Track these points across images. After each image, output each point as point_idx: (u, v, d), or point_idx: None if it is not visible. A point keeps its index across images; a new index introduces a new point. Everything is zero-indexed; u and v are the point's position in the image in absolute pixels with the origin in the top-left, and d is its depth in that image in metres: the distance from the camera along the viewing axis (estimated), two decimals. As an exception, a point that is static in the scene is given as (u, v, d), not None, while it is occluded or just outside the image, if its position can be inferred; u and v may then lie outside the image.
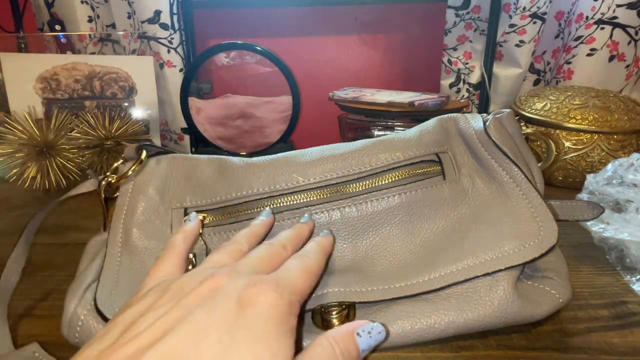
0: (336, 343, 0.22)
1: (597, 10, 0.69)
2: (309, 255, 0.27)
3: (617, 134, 0.52)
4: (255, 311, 0.21)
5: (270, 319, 0.21)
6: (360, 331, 0.23)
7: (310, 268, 0.26)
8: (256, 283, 0.22)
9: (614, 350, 0.28)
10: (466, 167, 0.32)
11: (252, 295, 0.21)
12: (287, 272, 0.24)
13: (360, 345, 0.23)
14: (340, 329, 0.23)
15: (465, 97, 0.82)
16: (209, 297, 0.22)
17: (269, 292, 0.22)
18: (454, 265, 0.28)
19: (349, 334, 0.23)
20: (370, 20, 0.87)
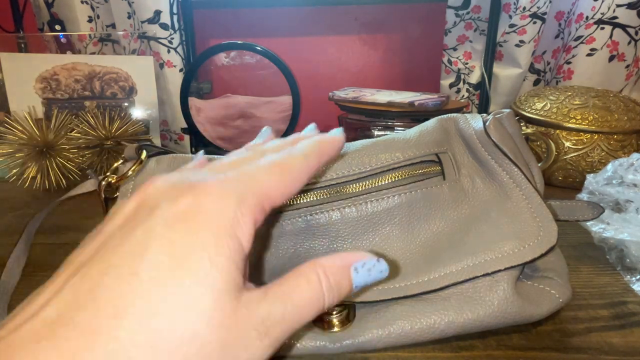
0: (326, 277, 0.18)
1: (597, 10, 0.69)
2: (292, 151, 0.21)
3: (617, 134, 0.52)
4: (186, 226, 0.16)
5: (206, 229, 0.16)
6: (359, 266, 0.19)
7: (287, 164, 0.20)
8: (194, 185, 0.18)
9: (614, 350, 0.28)
10: (466, 167, 0.32)
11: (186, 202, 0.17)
12: (249, 165, 0.19)
13: (355, 282, 0.19)
14: (335, 260, 0.19)
15: (465, 97, 0.82)
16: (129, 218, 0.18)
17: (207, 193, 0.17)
18: (454, 266, 0.28)
19: (345, 268, 0.19)
20: (370, 20, 0.87)
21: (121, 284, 0.15)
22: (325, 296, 0.18)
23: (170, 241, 0.16)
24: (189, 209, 0.17)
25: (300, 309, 0.18)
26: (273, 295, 0.17)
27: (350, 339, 0.28)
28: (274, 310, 0.17)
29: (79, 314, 0.14)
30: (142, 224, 0.17)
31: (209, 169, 0.20)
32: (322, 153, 0.22)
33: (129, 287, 0.15)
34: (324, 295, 0.18)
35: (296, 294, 0.18)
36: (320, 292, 0.18)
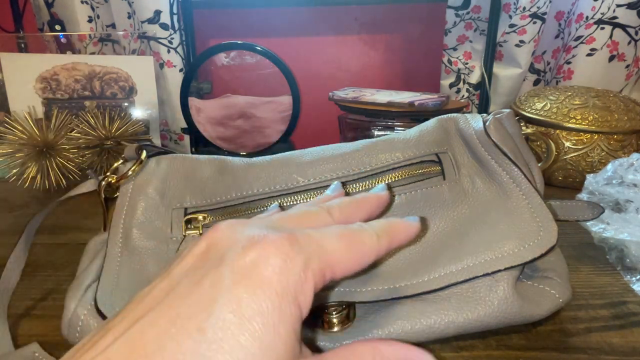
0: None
1: (597, 10, 0.69)
2: (364, 227, 0.20)
3: (617, 134, 0.52)
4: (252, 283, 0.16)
5: (272, 289, 0.16)
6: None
7: (358, 240, 0.19)
8: (261, 238, 0.17)
9: (614, 350, 0.28)
10: (466, 167, 0.32)
11: (253, 256, 0.16)
12: (318, 232, 0.19)
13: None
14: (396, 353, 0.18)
15: (465, 97, 0.82)
16: (197, 264, 0.17)
17: (274, 249, 0.17)
18: (454, 266, 0.28)
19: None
20: (370, 20, 0.87)
21: (186, 339, 0.15)
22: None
23: (238, 298, 0.15)
24: (256, 264, 0.16)
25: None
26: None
27: (350, 339, 0.28)
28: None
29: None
30: (209, 273, 0.16)
31: (277, 220, 0.20)
32: (394, 238, 0.21)
33: (195, 344, 0.15)
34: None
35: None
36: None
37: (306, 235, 0.18)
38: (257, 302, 0.15)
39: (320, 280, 0.18)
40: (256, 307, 0.15)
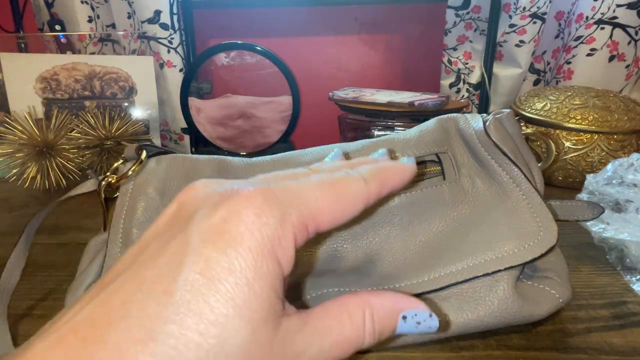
0: (371, 319, 0.17)
1: (597, 10, 0.69)
2: (350, 173, 0.18)
3: (617, 134, 0.52)
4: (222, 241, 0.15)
5: (244, 247, 0.15)
6: (409, 315, 0.17)
7: (342, 186, 0.17)
8: (233, 193, 0.16)
9: (614, 350, 0.28)
10: (466, 167, 0.32)
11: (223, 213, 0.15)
12: (297, 182, 0.17)
13: (399, 330, 0.18)
14: (385, 302, 0.17)
15: (465, 97, 0.82)
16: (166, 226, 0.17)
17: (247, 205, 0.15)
18: (454, 266, 0.28)
19: (394, 312, 0.17)
20: (370, 20, 0.87)
21: (152, 303, 0.14)
22: (365, 338, 0.17)
23: (206, 259, 0.15)
24: (225, 221, 0.15)
25: (337, 347, 0.16)
26: (312, 328, 0.16)
27: (350, 339, 0.28)
28: (310, 345, 0.16)
29: (110, 332, 0.14)
30: (178, 234, 0.16)
31: (257, 178, 0.18)
32: (385, 180, 0.19)
33: (161, 308, 0.14)
34: (364, 337, 0.17)
35: (336, 330, 0.16)
36: (361, 334, 0.17)
37: (282, 187, 0.17)
38: (228, 261, 0.14)
39: (302, 234, 0.16)
40: (227, 265, 0.14)
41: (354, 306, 0.17)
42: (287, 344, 0.15)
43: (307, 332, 0.16)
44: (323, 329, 0.16)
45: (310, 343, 0.16)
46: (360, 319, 0.17)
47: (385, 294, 0.18)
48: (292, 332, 0.15)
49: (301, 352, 0.15)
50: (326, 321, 0.16)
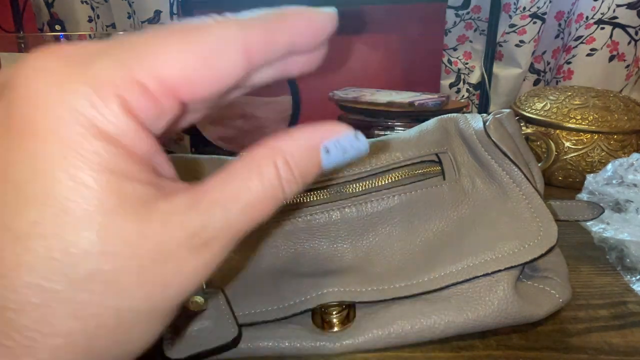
0: (287, 167, 0.14)
1: (597, 10, 0.69)
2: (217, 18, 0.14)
3: (617, 134, 0.52)
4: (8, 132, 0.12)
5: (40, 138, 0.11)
6: (332, 145, 0.15)
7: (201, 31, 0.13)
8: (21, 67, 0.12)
9: (614, 350, 0.28)
10: (466, 167, 0.32)
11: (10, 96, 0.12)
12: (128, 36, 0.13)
13: (325, 164, 0.15)
14: (299, 142, 0.14)
15: (465, 97, 0.82)
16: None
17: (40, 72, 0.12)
18: (454, 266, 0.28)
19: (313, 150, 0.15)
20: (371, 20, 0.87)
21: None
22: (284, 190, 0.14)
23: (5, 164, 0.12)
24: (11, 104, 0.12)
25: (249, 210, 0.14)
26: (210, 202, 0.13)
27: (350, 339, 0.28)
28: (211, 220, 0.13)
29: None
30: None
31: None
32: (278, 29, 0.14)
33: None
34: (283, 189, 0.14)
35: (244, 194, 0.14)
36: (277, 188, 0.14)
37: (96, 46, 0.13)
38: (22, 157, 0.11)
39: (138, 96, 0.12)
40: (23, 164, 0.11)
41: (262, 159, 0.14)
42: (173, 227, 0.13)
43: (203, 208, 0.13)
44: (226, 199, 0.14)
45: (210, 218, 0.13)
46: (273, 172, 0.14)
47: (296, 133, 0.15)
48: (177, 214, 0.13)
49: (198, 229, 0.13)
50: (229, 190, 0.14)
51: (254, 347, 0.28)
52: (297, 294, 0.28)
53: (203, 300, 0.27)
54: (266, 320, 0.28)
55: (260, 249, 0.31)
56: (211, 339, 0.26)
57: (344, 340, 0.28)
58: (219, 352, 0.26)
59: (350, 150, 0.15)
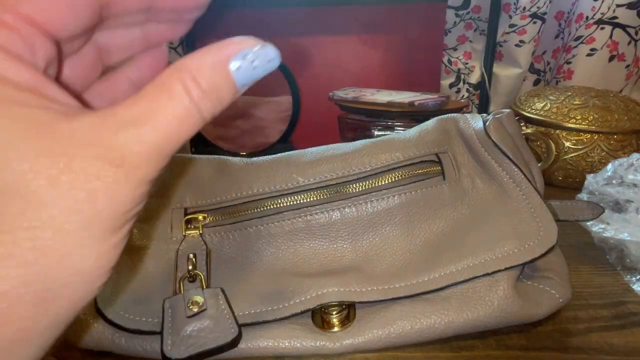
0: (195, 84, 0.14)
1: (597, 10, 0.69)
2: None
3: (617, 134, 0.52)
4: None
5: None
6: (239, 58, 0.14)
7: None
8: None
9: (614, 350, 0.28)
10: (466, 167, 0.32)
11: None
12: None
13: (238, 81, 0.15)
14: (204, 59, 0.14)
15: (465, 97, 0.82)
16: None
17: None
18: (454, 266, 0.28)
19: (220, 65, 0.14)
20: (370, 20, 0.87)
21: None
22: (200, 107, 0.14)
23: None
24: None
25: (166, 129, 0.14)
26: (119, 121, 0.13)
27: (350, 339, 0.28)
28: (124, 136, 0.13)
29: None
30: None
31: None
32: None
33: None
34: (197, 106, 0.14)
35: (155, 113, 0.14)
36: (189, 105, 0.14)
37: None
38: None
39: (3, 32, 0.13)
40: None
41: (168, 79, 0.14)
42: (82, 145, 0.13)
43: (112, 125, 0.13)
44: (136, 117, 0.14)
45: (122, 136, 0.13)
46: (181, 90, 0.14)
47: (201, 51, 0.15)
48: (85, 132, 0.13)
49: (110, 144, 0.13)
50: (138, 108, 0.14)
51: (254, 347, 0.28)
52: (297, 294, 0.28)
53: (203, 300, 0.27)
54: (266, 320, 0.28)
55: (261, 248, 0.31)
56: (211, 339, 0.26)
57: (344, 340, 0.28)
58: (219, 352, 0.26)
59: (260, 61, 0.15)
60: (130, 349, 0.28)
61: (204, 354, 0.25)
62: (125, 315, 0.27)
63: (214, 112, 0.15)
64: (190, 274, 0.29)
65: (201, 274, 0.29)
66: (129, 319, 0.27)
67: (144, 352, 0.28)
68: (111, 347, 0.28)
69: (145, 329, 0.27)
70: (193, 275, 0.29)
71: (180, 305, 0.27)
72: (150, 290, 0.29)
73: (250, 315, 0.28)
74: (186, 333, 0.26)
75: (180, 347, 0.25)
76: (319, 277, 0.29)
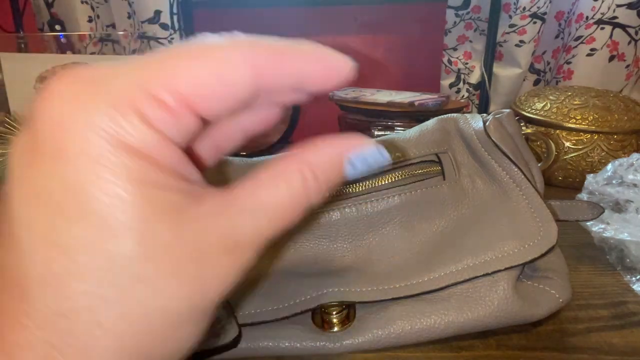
0: (314, 177, 0.15)
1: (597, 10, 0.69)
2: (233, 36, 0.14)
3: (617, 134, 0.52)
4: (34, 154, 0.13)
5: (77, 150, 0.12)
6: (355, 159, 0.16)
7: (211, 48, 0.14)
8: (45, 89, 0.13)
9: (614, 350, 0.28)
10: (466, 167, 0.32)
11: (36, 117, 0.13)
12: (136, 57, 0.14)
13: (349, 175, 0.16)
14: (325, 155, 0.15)
15: (465, 97, 0.82)
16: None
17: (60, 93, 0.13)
18: (454, 266, 0.28)
19: (338, 163, 0.15)
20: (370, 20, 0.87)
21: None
22: (311, 197, 0.15)
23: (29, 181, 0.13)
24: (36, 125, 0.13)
25: (279, 217, 0.15)
26: (239, 208, 0.14)
27: (350, 339, 0.28)
28: (241, 224, 0.14)
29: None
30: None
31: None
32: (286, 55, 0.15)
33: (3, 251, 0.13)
34: (308, 197, 0.15)
35: (272, 202, 0.14)
36: (304, 195, 0.15)
37: (113, 66, 0.13)
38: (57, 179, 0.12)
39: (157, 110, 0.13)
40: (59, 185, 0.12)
41: (290, 170, 0.15)
42: (205, 230, 0.14)
43: (232, 212, 0.14)
44: (254, 204, 0.14)
45: (239, 222, 0.14)
46: (299, 181, 0.15)
47: (322, 144, 0.15)
48: (208, 217, 0.14)
49: (228, 232, 0.14)
50: (257, 195, 0.14)
51: (254, 347, 0.28)
52: (297, 294, 0.28)
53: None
54: (266, 320, 0.28)
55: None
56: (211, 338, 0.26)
57: (344, 340, 0.28)
58: (219, 352, 0.26)
59: (374, 164, 0.16)
60: (130, 349, 0.28)
61: (204, 354, 0.25)
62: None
63: (320, 200, 0.16)
64: (190, 274, 0.29)
65: (201, 274, 0.29)
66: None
67: (144, 352, 0.28)
68: (111, 347, 0.28)
69: (145, 329, 0.27)
70: (193, 275, 0.29)
71: (180, 305, 0.27)
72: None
73: (250, 315, 0.28)
74: (186, 333, 0.26)
75: (180, 347, 0.25)
76: (319, 277, 0.29)
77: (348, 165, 0.16)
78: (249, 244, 0.15)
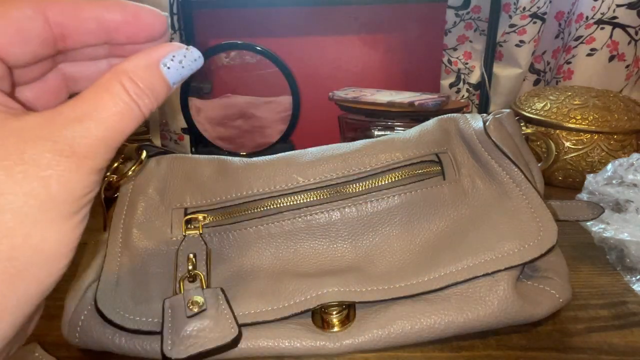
0: (133, 83, 0.16)
1: (597, 10, 0.69)
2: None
3: (617, 134, 0.52)
4: None
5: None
6: (168, 60, 0.17)
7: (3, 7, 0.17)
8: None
9: (614, 350, 0.28)
10: (466, 167, 0.33)
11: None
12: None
13: (170, 79, 0.17)
14: (138, 61, 0.17)
15: (465, 97, 0.82)
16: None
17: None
18: (454, 266, 0.28)
19: (153, 67, 0.17)
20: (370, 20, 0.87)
21: None
22: (139, 103, 0.16)
23: None
24: None
25: (110, 124, 0.16)
26: (66, 119, 0.15)
27: (350, 339, 0.28)
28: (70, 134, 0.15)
29: None
30: None
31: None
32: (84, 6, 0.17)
33: None
34: (136, 103, 0.16)
35: (99, 111, 0.15)
36: (130, 102, 0.16)
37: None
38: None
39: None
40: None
41: (107, 80, 0.16)
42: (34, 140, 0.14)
43: (59, 123, 0.15)
44: (81, 115, 0.15)
45: (71, 132, 0.15)
46: (120, 88, 0.16)
47: (135, 55, 0.17)
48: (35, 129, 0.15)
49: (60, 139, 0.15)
50: (82, 108, 0.15)
51: (254, 347, 0.28)
52: (297, 294, 0.28)
53: (203, 300, 0.27)
54: (266, 320, 0.28)
55: (261, 248, 0.31)
56: (211, 339, 0.26)
57: (344, 340, 0.28)
58: (219, 352, 0.26)
59: (186, 61, 0.18)
60: (130, 349, 0.28)
61: (204, 354, 0.25)
62: (125, 315, 0.27)
63: (152, 108, 0.17)
64: (191, 274, 0.29)
65: (201, 274, 0.29)
66: (129, 319, 0.27)
67: (144, 352, 0.28)
68: (111, 347, 0.28)
69: (146, 329, 0.27)
70: (193, 275, 0.29)
71: (180, 305, 0.27)
72: (151, 290, 0.29)
73: (250, 315, 0.28)
74: (186, 333, 0.26)
75: (180, 347, 0.25)
76: (319, 277, 0.29)
77: (164, 69, 0.17)
78: (86, 151, 0.15)
